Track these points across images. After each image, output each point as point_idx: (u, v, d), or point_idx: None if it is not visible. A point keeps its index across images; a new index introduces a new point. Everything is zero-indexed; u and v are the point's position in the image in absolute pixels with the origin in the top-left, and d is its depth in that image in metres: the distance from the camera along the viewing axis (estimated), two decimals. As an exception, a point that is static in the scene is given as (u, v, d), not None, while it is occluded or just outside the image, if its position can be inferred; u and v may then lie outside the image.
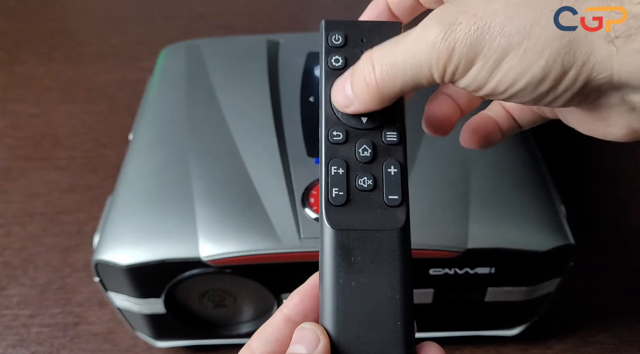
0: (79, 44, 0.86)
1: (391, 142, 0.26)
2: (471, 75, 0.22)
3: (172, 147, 0.46)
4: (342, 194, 0.25)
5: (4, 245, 0.56)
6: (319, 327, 0.24)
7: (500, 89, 0.22)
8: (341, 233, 0.24)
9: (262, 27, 0.86)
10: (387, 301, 0.24)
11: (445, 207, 0.40)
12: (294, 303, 0.26)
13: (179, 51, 0.56)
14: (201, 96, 0.50)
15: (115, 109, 0.71)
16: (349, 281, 0.24)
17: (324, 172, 0.25)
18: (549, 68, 0.21)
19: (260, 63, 0.52)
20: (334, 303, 0.24)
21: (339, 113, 0.26)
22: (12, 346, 0.49)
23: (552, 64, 0.21)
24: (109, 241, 0.41)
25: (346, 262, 0.24)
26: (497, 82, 0.22)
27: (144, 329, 0.46)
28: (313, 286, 0.26)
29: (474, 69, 0.22)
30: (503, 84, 0.22)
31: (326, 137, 0.26)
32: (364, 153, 0.25)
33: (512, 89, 0.22)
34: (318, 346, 0.23)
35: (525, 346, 0.47)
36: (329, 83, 0.26)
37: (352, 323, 0.24)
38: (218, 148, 0.45)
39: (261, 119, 0.47)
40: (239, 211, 0.40)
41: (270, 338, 0.25)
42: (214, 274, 0.40)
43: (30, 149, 0.67)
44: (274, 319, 0.26)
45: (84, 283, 0.53)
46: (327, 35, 0.27)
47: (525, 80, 0.21)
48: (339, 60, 0.27)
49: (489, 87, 0.22)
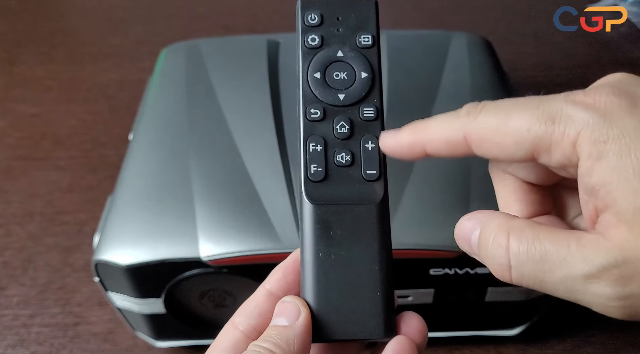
0: (79, 44, 0.86)
1: (368, 118, 0.26)
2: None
3: (172, 147, 0.46)
4: (321, 170, 0.25)
5: (4, 245, 0.56)
6: (300, 300, 0.25)
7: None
8: (320, 208, 0.25)
9: (262, 27, 0.85)
10: (366, 273, 0.25)
11: (445, 207, 0.40)
12: (276, 278, 0.27)
13: (179, 51, 0.56)
14: (201, 96, 0.50)
15: (115, 109, 0.71)
16: (329, 255, 0.25)
17: (302, 149, 0.26)
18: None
19: (260, 63, 0.52)
20: (314, 276, 0.25)
21: (316, 91, 0.26)
22: (12, 346, 0.49)
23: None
24: (109, 241, 0.41)
25: (326, 236, 0.25)
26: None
27: (144, 329, 0.46)
28: (294, 261, 0.26)
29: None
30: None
31: (304, 114, 0.26)
32: (342, 130, 0.26)
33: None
34: (299, 318, 0.24)
35: (525, 346, 0.47)
36: (306, 62, 0.27)
37: (333, 295, 0.24)
38: (218, 148, 0.45)
39: (261, 118, 0.47)
40: (239, 211, 0.40)
41: (253, 312, 0.26)
42: (214, 274, 0.40)
43: (30, 149, 0.67)
44: (257, 295, 0.26)
45: (84, 283, 0.53)
46: (304, 15, 0.27)
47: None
48: (315, 39, 0.27)
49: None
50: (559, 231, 0.21)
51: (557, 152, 0.20)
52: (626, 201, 0.19)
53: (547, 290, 0.21)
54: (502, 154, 0.22)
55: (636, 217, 0.19)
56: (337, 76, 0.27)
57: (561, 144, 0.20)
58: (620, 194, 0.19)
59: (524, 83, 0.69)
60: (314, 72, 0.27)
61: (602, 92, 0.20)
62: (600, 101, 0.20)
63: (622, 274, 0.19)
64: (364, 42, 0.27)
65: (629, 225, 0.19)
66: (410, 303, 0.43)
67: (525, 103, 0.21)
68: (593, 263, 0.19)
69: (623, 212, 0.19)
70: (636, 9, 0.80)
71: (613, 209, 0.19)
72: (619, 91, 0.20)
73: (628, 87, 0.21)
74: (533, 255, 0.21)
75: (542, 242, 0.21)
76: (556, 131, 0.20)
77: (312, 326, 0.24)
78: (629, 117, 0.19)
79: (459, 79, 0.50)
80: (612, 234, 0.19)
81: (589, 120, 0.20)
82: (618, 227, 0.19)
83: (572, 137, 0.20)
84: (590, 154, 0.20)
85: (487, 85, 0.51)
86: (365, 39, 0.27)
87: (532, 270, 0.21)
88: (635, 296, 0.19)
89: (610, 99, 0.20)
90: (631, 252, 0.19)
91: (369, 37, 0.27)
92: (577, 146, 0.20)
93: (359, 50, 0.27)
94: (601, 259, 0.19)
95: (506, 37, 0.80)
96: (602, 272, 0.19)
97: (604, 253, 0.19)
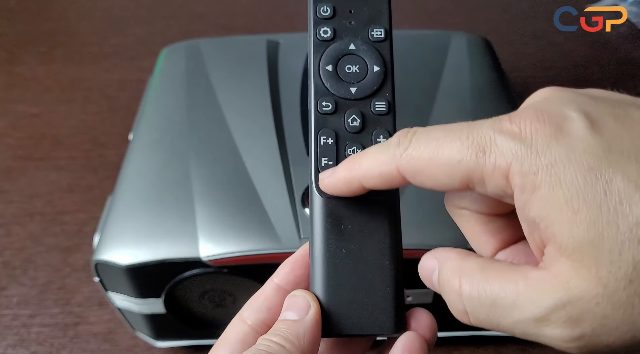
0: (79, 44, 0.86)
1: (380, 112, 0.26)
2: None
3: (172, 147, 0.46)
4: (332, 163, 0.25)
5: (4, 245, 0.56)
6: (309, 294, 0.24)
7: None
8: (331, 201, 0.25)
9: (262, 27, 0.85)
10: (377, 267, 0.24)
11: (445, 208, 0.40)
12: (285, 271, 0.26)
13: (179, 51, 0.56)
14: (201, 96, 0.50)
15: (115, 109, 0.71)
16: (339, 249, 0.25)
17: (313, 142, 0.26)
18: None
19: (260, 63, 0.52)
20: (324, 270, 0.24)
21: (328, 83, 0.26)
22: (12, 346, 0.49)
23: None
24: (109, 241, 0.41)
25: (336, 230, 0.25)
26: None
27: (144, 329, 0.46)
28: (303, 255, 0.26)
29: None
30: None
31: (315, 107, 0.26)
32: (353, 123, 0.26)
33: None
34: (309, 313, 0.24)
35: (525, 346, 0.47)
36: (318, 55, 0.27)
37: (342, 289, 0.24)
38: (218, 148, 0.45)
39: (261, 119, 0.47)
40: (239, 211, 0.40)
41: (261, 306, 0.26)
42: (214, 274, 0.40)
43: (30, 149, 0.67)
44: (265, 288, 0.26)
45: (84, 283, 0.53)
46: (316, 7, 0.27)
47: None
48: (327, 32, 0.27)
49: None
50: (508, 270, 0.20)
51: (490, 184, 0.20)
52: (565, 235, 0.18)
53: (506, 332, 0.20)
54: (436, 185, 0.21)
55: (576, 252, 0.18)
56: (349, 69, 0.26)
57: (493, 176, 0.19)
58: (557, 228, 0.18)
59: (524, 83, 0.69)
60: (325, 64, 0.26)
61: (527, 118, 0.19)
62: (525, 128, 0.19)
63: (569, 315, 0.18)
64: (377, 35, 0.27)
65: (571, 260, 0.18)
66: (410, 303, 0.43)
67: (455, 131, 0.21)
68: (541, 306, 0.19)
69: (564, 246, 0.18)
70: (636, 9, 0.80)
71: (554, 243, 0.19)
72: (542, 116, 0.19)
73: (553, 108, 0.20)
74: (484, 301, 0.20)
75: (492, 285, 0.20)
76: (487, 162, 0.19)
77: (321, 320, 0.24)
78: (555, 144, 0.19)
79: (458, 79, 0.50)
80: (557, 270, 0.19)
81: (517, 151, 0.19)
82: (561, 262, 0.19)
83: (503, 169, 0.19)
84: (523, 187, 0.19)
85: (487, 86, 0.51)
86: (378, 33, 0.27)
87: (486, 315, 0.20)
88: (588, 336, 0.18)
89: (535, 126, 0.19)
90: (576, 290, 0.18)
91: (382, 31, 0.27)
92: (509, 178, 0.19)
93: (372, 43, 0.27)
94: (548, 301, 0.18)
95: (506, 37, 0.80)
96: (551, 314, 0.18)
97: (549, 294, 0.18)
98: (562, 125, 0.19)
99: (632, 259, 0.17)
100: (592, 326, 0.18)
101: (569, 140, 0.19)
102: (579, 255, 0.18)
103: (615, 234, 0.17)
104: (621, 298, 0.17)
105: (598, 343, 0.18)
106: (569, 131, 0.19)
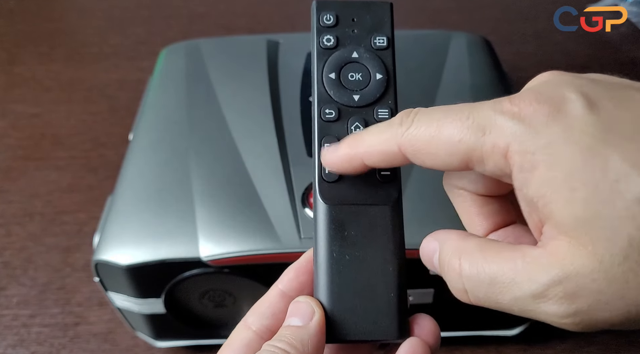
0: (79, 44, 0.86)
1: (383, 119, 0.26)
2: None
3: (172, 147, 0.46)
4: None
5: (4, 245, 0.56)
6: (313, 300, 0.25)
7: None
8: (334, 208, 0.25)
9: (262, 27, 0.86)
10: (380, 273, 0.25)
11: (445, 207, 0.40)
12: (289, 277, 0.26)
13: (179, 51, 0.56)
14: (201, 95, 0.50)
15: (115, 109, 0.71)
16: (343, 255, 0.25)
17: (316, 149, 0.26)
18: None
19: (260, 63, 0.52)
20: (328, 276, 0.25)
21: (331, 91, 0.26)
22: (12, 346, 0.49)
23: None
24: (109, 241, 0.40)
25: (340, 236, 0.25)
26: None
27: (144, 329, 0.46)
28: (307, 261, 0.26)
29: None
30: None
31: (319, 114, 0.26)
32: (356, 130, 0.26)
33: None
34: (313, 318, 0.24)
35: (526, 346, 0.47)
36: (321, 62, 0.27)
37: (346, 295, 0.24)
38: (218, 148, 0.45)
39: (261, 119, 0.47)
40: (239, 211, 0.40)
41: (266, 312, 0.26)
42: (214, 274, 0.40)
43: (30, 149, 0.67)
44: (270, 294, 0.26)
45: (84, 283, 0.53)
46: (319, 16, 0.27)
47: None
48: (330, 40, 0.27)
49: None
50: (506, 250, 0.21)
51: (489, 163, 0.20)
52: (562, 213, 0.19)
53: (504, 310, 0.21)
54: (437, 164, 0.22)
55: (573, 230, 0.18)
56: (352, 77, 0.27)
57: (492, 156, 0.20)
58: (555, 207, 0.19)
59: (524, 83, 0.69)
60: (329, 72, 0.27)
61: (526, 99, 0.20)
62: (524, 109, 0.20)
63: (566, 291, 0.18)
64: (379, 43, 0.27)
65: (568, 237, 0.19)
66: (410, 303, 0.43)
67: (456, 112, 0.21)
68: (538, 282, 0.19)
69: (561, 224, 0.19)
70: (636, 9, 0.80)
71: (552, 221, 0.19)
72: (541, 97, 0.20)
73: (552, 89, 0.20)
74: (483, 279, 0.20)
75: (490, 264, 0.20)
76: (487, 142, 0.20)
77: (325, 326, 0.24)
78: (553, 123, 0.19)
79: (459, 79, 0.50)
80: (554, 247, 0.19)
81: (516, 131, 0.19)
82: (559, 239, 0.19)
83: (502, 148, 0.19)
84: (522, 166, 0.19)
85: (487, 85, 0.51)
86: (381, 41, 0.27)
87: (485, 293, 0.21)
88: (583, 312, 0.18)
89: (534, 106, 0.19)
90: (571, 267, 0.18)
91: (384, 39, 0.27)
92: (508, 157, 0.19)
93: (374, 51, 0.27)
94: (545, 278, 0.19)
95: (506, 37, 0.80)
96: (547, 290, 0.19)
97: (546, 271, 0.19)
98: (560, 106, 0.19)
99: (627, 236, 0.17)
100: (587, 302, 0.18)
101: (567, 120, 0.19)
102: (575, 232, 0.18)
103: (612, 212, 0.18)
104: (616, 274, 0.18)
105: (594, 319, 0.18)
106: (567, 111, 0.19)
